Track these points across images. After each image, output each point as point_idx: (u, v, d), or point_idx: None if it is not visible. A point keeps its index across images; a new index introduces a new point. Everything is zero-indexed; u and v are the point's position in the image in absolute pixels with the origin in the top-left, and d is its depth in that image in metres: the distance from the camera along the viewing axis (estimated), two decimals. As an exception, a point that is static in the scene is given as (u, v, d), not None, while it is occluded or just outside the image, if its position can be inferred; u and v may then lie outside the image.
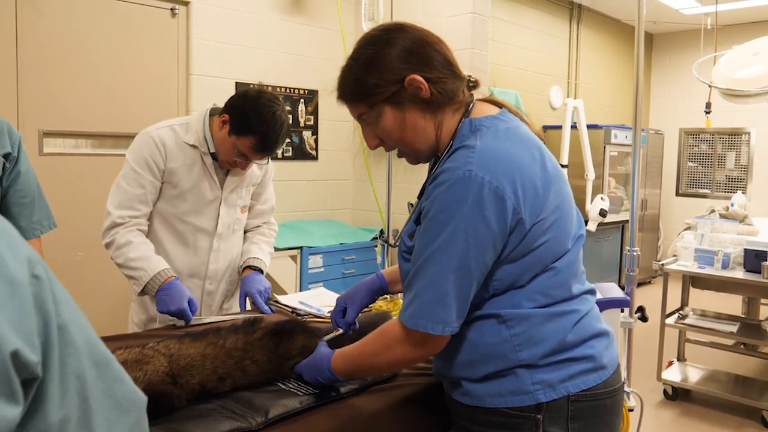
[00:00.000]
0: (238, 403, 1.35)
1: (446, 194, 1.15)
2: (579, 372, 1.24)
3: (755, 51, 4.26)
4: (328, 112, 4.62)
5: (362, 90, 1.25)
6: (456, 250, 1.15)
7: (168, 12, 3.73)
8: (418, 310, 1.19)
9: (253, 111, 1.92)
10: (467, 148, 1.19)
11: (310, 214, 4.55)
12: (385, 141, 1.31)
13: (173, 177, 2.05)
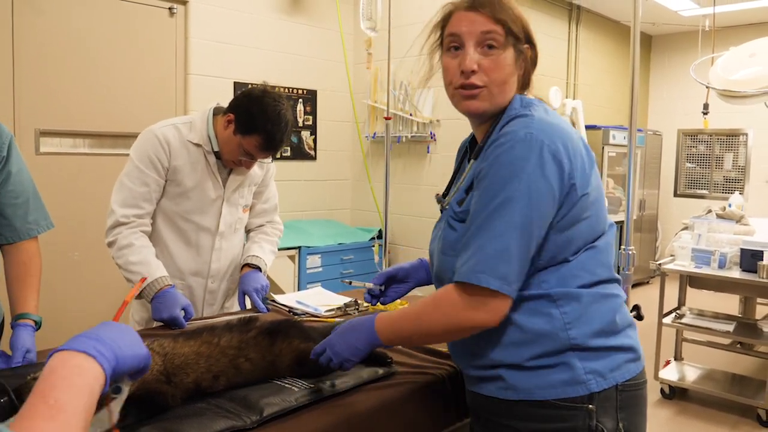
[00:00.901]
0: (233, 401, 1.34)
1: (508, 153, 1.16)
2: (624, 361, 1.25)
3: (751, 52, 4.26)
4: (327, 112, 4.61)
5: (511, 14, 1.28)
6: (519, 207, 1.14)
7: (166, 11, 3.72)
8: (478, 264, 1.15)
9: (259, 110, 1.93)
10: (524, 117, 1.22)
11: (308, 214, 4.55)
12: (486, 73, 1.25)
13: (177, 175, 2.05)
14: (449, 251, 1.27)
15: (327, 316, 2.07)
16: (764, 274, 3.49)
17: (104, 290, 3.49)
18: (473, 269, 1.15)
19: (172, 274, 2.03)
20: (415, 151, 4.34)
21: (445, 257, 1.29)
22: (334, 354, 1.32)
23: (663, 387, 3.93)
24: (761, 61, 4.18)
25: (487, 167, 1.18)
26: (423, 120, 4.17)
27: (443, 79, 1.33)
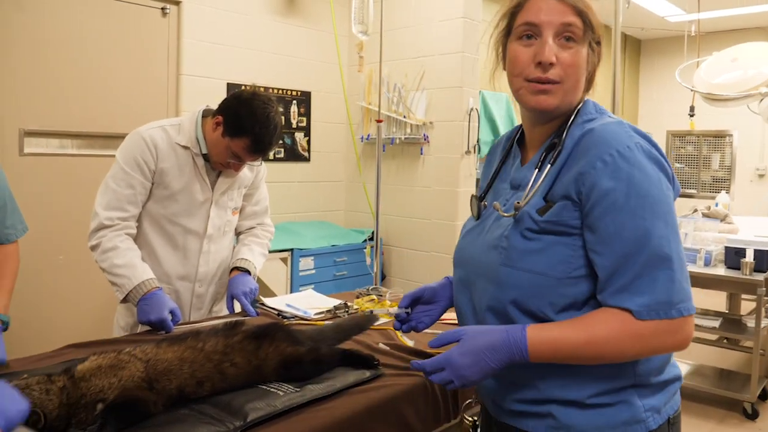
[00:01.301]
0: (217, 407, 1.28)
1: (635, 166, 1.03)
2: (673, 393, 1.16)
3: (733, 57, 4.28)
4: (321, 113, 4.55)
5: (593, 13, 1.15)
6: (674, 221, 1.05)
7: (158, 11, 3.65)
8: (676, 294, 1.01)
9: (247, 112, 1.89)
10: (617, 124, 1.10)
11: (302, 216, 4.49)
12: (562, 67, 1.12)
13: (164, 178, 1.99)
14: (518, 263, 1.10)
15: (317, 319, 2.01)
16: (747, 271, 3.48)
17: (90, 294, 3.39)
18: (672, 302, 1.01)
19: (158, 278, 1.97)
20: (408, 153, 4.29)
21: (510, 270, 1.10)
22: (457, 377, 1.09)
23: (651, 383, 3.89)
24: (742, 65, 4.21)
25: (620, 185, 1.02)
26: (416, 122, 4.12)
27: (509, 69, 1.18)
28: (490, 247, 1.16)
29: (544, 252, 1.08)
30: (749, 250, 3.52)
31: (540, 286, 1.07)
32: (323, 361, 1.50)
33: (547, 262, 1.07)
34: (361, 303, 2.17)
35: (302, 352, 1.47)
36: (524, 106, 1.18)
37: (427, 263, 4.18)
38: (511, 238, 1.12)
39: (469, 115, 3.98)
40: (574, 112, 1.17)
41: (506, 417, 1.18)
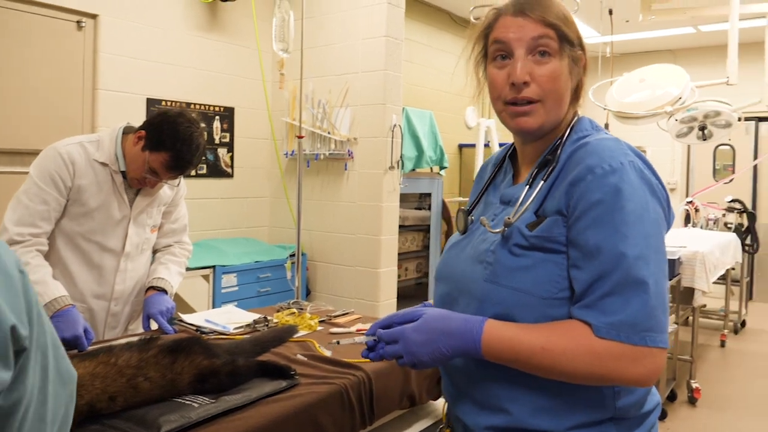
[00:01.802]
0: (130, 421, 1.30)
1: (625, 183, 0.99)
2: (652, 425, 1.12)
3: (641, 78, 4.60)
4: (245, 129, 4.56)
5: (564, 19, 1.10)
6: (660, 245, 1.00)
7: (74, 24, 3.58)
8: (645, 320, 0.96)
9: (171, 129, 1.91)
10: (613, 140, 1.07)
11: (226, 233, 4.47)
12: (539, 84, 1.08)
13: (81, 195, 1.98)
14: (503, 279, 1.06)
15: (236, 334, 2.04)
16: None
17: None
18: (638, 328, 0.96)
19: (71, 296, 1.94)
20: (333, 169, 4.36)
21: (493, 286, 1.07)
22: (407, 352, 1.05)
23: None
24: (649, 85, 4.53)
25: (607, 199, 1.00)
26: (340, 138, 4.21)
27: (490, 93, 1.14)
28: (475, 262, 1.12)
29: (532, 269, 1.04)
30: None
31: (523, 305, 1.03)
32: (240, 373, 1.54)
33: (534, 280, 1.04)
34: (281, 317, 2.22)
35: (218, 364, 1.50)
36: (509, 129, 1.15)
37: (352, 278, 4.25)
38: (498, 254, 1.08)
39: (393, 132, 4.09)
40: (568, 128, 1.14)
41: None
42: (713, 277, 4.30)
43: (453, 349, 1.02)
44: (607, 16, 5.93)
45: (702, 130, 4.87)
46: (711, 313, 5.96)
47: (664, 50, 7.71)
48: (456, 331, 1.03)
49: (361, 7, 4.16)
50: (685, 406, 3.98)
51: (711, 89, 4.43)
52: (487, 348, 1.01)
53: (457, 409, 1.16)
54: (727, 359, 5.08)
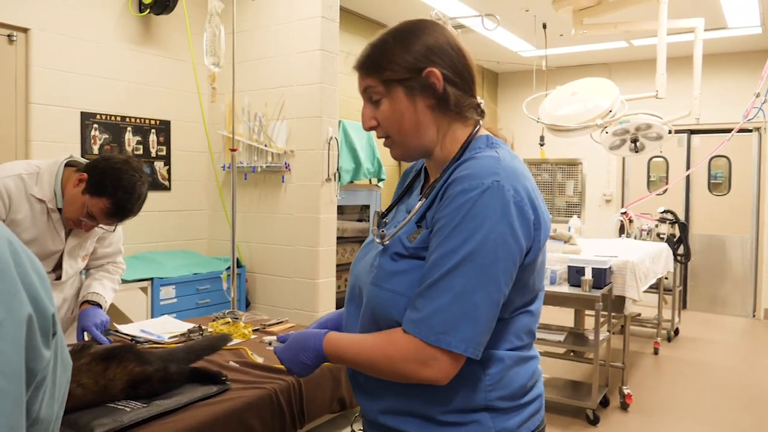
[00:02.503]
0: (63, 425, 1.37)
1: (474, 201, 1.10)
2: (532, 414, 1.25)
3: (573, 91, 4.81)
4: (182, 142, 4.63)
5: (384, 62, 1.21)
6: (486, 261, 1.09)
7: (5, 38, 3.61)
8: (441, 323, 1.08)
9: (114, 176, 1.93)
10: (491, 158, 1.16)
11: (164, 245, 4.51)
12: (381, 125, 1.25)
13: (15, 228, 1.99)
14: (383, 283, 1.21)
15: (170, 343, 2.14)
16: (587, 288, 3.93)
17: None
18: (434, 328, 1.09)
19: None
20: (270, 181, 4.47)
21: (376, 288, 1.22)
22: (286, 367, 1.33)
23: (506, 397, 4.26)
24: (581, 98, 4.73)
25: (451, 213, 1.12)
26: (277, 150, 4.32)
27: None
28: (369, 266, 1.27)
29: (408, 274, 1.18)
30: (588, 269, 3.97)
31: (398, 306, 1.17)
32: (171, 379, 1.64)
33: (409, 283, 1.17)
34: (216, 326, 2.32)
35: (150, 371, 1.61)
36: None
37: (291, 289, 4.36)
38: (380, 260, 1.23)
39: (329, 144, 4.23)
40: (464, 146, 1.24)
41: (371, 429, 1.31)
42: (644, 286, 4.47)
43: (311, 359, 1.27)
44: (541, 30, 6.24)
45: (634, 142, 5.07)
46: (645, 321, 6.19)
47: (600, 63, 8.07)
48: (308, 346, 1.27)
49: (296, 20, 4.29)
50: (617, 411, 4.17)
51: (644, 102, 4.61)
52: (329, 356, 1.25)
53: (358, 399, 1.35)
54: (660, 366, 5.31)
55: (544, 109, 4.85)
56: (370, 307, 1.24)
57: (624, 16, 4.80)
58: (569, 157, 8.38)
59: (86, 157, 3.84)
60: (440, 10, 5.29)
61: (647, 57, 7.59)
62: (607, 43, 7.09)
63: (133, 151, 4.29)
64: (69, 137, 3.92)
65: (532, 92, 5.44)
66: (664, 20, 4.36)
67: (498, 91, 9.07)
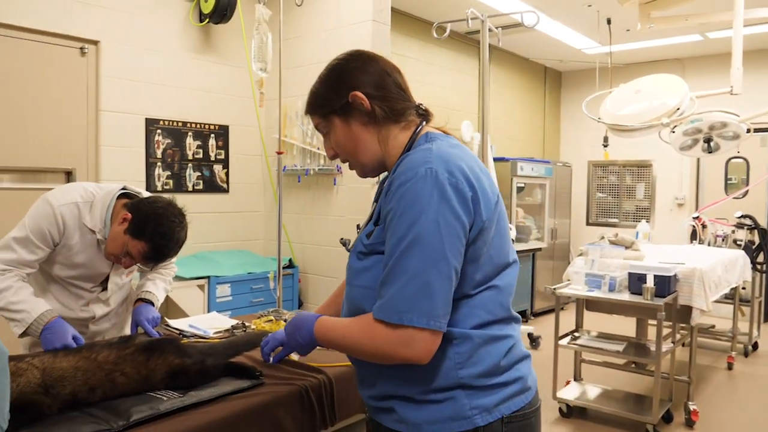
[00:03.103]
0: (105, 410, 1.54)
1: (412, 190, 1.23)
2: (511, 395, 1.33)
3: (637, 89, 4.67)
4: (239, 146, 4.85)
5: (317, 102, 1.44)
6: (432, 241, 1.21)
7: (77, 51, 3.93)
8: (400, 303, 1.21)
9: (155, 221, 2.03)
10: (423, 150, 1.30)
11: (221, 245, 4.74)
12: (336, 152, 1.46)
13: (68, 251, 2.14)
14: (353, 280, 1.37)
15: (214, 338, 2.29)
16: (648, 296, 3.79)
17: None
18: (396, 308, 1.22)
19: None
20: (323, 183, 4.63)
21: (349, 286, 1.40)
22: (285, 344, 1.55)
23: (561, 406, 4.24)
24: (645, 96, 4.57)
25: (395, 205, 1.25)
26: (330, 154, 4.46)
27: None
28: (347, 269, 1.44)
29: (371, 270, 1.34)
30: (650, 276, 3.82)
31: (368, 299, 1.32)
32: (208, 372, 1.78)
33: (373, 277, 1.32)
34: (258, 323, 2.46)
35: (188, 363, 1.75)
36: None
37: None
38: (350, 261, 1.42)
39: (381, 147, 4.32)
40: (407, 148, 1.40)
41: (372, 413, 1.45)
42: (714, 296, 4.28)
43: (304, 339, 1.44)
44: (605, 25, 6.10)
45: (707, 142, 4.78)
46: (719, 334, 5.91)
47: (672, 59, 7.81)
48: (302, 326, 1.44)
49: (347, 25, 4.40)
50: (681, 428, 4.02)
51: (721, 99, 4.37)
52: (319, 339, 1.41)
53: (358, 386, 1.49)
54: (733, 382, 5.05)
55: (606, 108, 4.74)
56: (347, 305, 1.43)
57: (696, 8, 4.59)
58: (639, 158, 8.16)
59: (150, 161, 4.20)
60: (487, 7, 5.24)
61: (725, 50, 7.25)
62: (679, 37, 6.84)
63: (193, 155, 4.54)
64: (135, 142, 4.21)
65: (596, 91, 5.31)
66: (740, 10, 4.12)
67: (561, 90, 8.95)
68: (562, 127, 9.03)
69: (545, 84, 8.68)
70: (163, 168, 4.37)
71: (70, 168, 3.95)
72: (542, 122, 8.71)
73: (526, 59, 8.13)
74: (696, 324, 4.12)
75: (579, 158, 8.64)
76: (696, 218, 6.02)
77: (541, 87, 8.62)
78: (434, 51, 6.47)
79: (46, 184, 3.82)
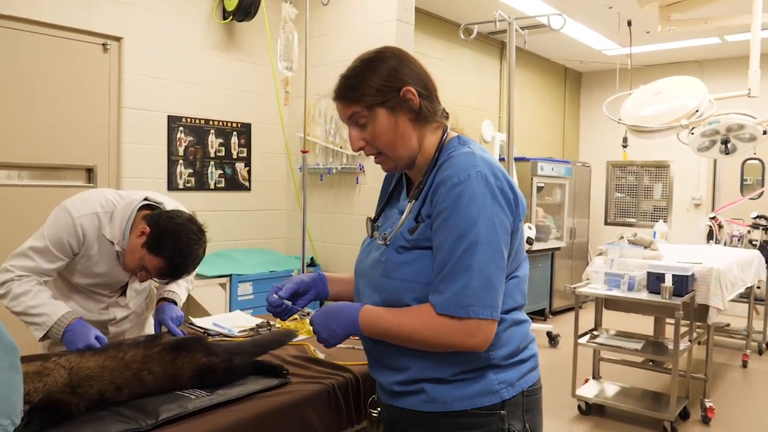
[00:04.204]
0: (133, 409, 1.50)
1: (467, 191, 1.29)
2: (528, 370, 1.44)
3: (657, 90, 4.62)
4: (262, 144, 4.81)
5: (364, 91, 1.39)
6: (491, 239, 1.29)
7: (100, 47, 3.89)
8: (466, 298, 1.28)
9: (173, 237, 1.95)
10: (467, 154, 1.36)
11: (243, 243, 4.70)
12: (370, 144, 1.43)
13: (87, 261, 2.09)
14: (392, 273, 1.39)
15: (239, 337, 2.24)
16: (667, 295, 3.76)
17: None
18: (462, 303, 1.28)
19: None
20: (345, 182, 4.57)
21: (387, 279, 1.40)
22: (316, 331, 1.46)
23: (580, 404, 4.18)
24: (666, 98, 4.52)
25: (450, 205, 1.30)
26: (352, 152, 4.41)
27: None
28: (374, 263, 1.45)
29: (413, 263, 1.37)
30: (668, 275, 3.80)
31: (407, 291, 1.37)
32: (235, 370, 1.73)
33: (415, 271, 1.37)
34: (283, 322, 2.41)
35: (216, 362, 1.70)
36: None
37: (363, 289, 4.43)
38: (387, 254, 1.42)
39: (403, 146, 4.28)
40: (437, 150, 1.44)
41: (392, 399, 1.46)
42: (731, 295, 4.26)
43: (342, 328, 1.41)
44: (626, 27, 6.03)
45: (725, 143, 4.77)
46: (734, 332, 5.90)
47: (691, 61, 7.73)
48: (342, 314, 1.42)
49: (372, 24, 4.36)
50: (697, 425, 4.01)
51: (739, 102, 4.38)
52: (362, 326, 1.40)
53: (376, 374, 1.52)
54: (748, 380, 5.06)
55: (626, 109, 4.70)
56: (380, 296, 1.43)
57: (715, 11, 4.56)
58: (656, 158, 8.06)
59: (172, 159, 4.16)
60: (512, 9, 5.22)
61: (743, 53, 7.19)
62: (698, 39, 6.80)
63: (215, 153, 4.50)
64: (157, 139, 4.17)
65: (616, 92, 5.26)
66: (758, 13, 4.09)
67: (581, 91, 8.86)
68: (582, 128, 8.94)
69: (565, 84, 8.58)
70: (185, 166, 4.34)
71: (91, 165, 3.92)
72: (562, 122, 8.61)
73: (546, 60, 8.04)
74: (713, 323, 4.11)
75: (598, 158, 8.55)
76: (713, 218, 6.01)
77: (561, 87, 8.52)
78: (457, 51, 6.40)
79: (67, 182, 3.80)
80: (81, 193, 2.14)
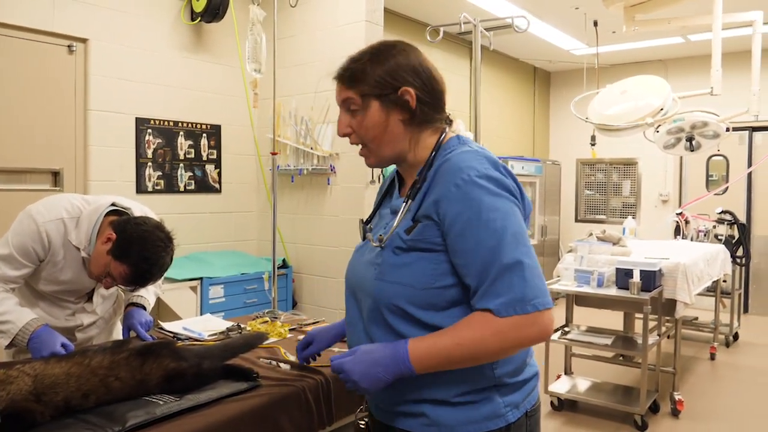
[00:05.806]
0: (100, 416, 1.48)
1: (481, 188, 1.24)
2: (531, 390, 1.38)
3: (623, 90, 4.70)
4: (232, 146, 4.77)
5: (363, 78, 1.34)
6: (520, 231, 1.25)
7: (65, 48, 3.82)
8: (526, 293, 1.20)
9: (140, 244, 1.92)
10: (469, 152, 1.31)
11: (214, 246, 4.66)
12: (356, 132, 1.37)
13: (53, 268, 2.05)
14: (388, 276, 1.32)
15: (209, 340, 2.22)
16: (635, 291, 3.83)
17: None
18: (524, 300, 1.19)
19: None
20: (316, 183, 4.56)
21: (380, 282, 1.33)
22: (351, 381, 1.29)
23: (552, 400, 4.23)
24: (631, 97, 4.62)
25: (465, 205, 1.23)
26: (323, 153, 4.40)
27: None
28: (369, 265, 1.38)
29: (410, 266, 1.30)
30: (636, 271, 3.87)
31: (405, 296, 1.30)
32: (205, 375, 1.71)
33: (412, 274, 1.29)
34: (254, 324, 2.40)
35: (184, 366, 1.68)
36: None
37: (336, 289, 4.43)
38: (383, 256, 1.34)
39: (374, 147, 4.28)
40: (434, 149, 1.38)
41: (388, 419, 1.38)
42: (697, 289, 4.35)
43: (391, 374, 1.26)
44: (592, 27, 6.13)
45: (690, 141, 4.89)
46: (702, 325, 6.01)
47: (655, 60, 7.87)
48: (385, 359, 1.26)
49: (340, 25, 4.35)
50: (667, 417, 4.07)
51: (703, 100, 4.46)
52: (417, 365, 1.25)
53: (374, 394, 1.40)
54: (716, 372, 5.15)
55: (593, 108, 4.78)
56: (374, 300, 1.34)
57: (679, 11, 4.64)
58: (625, 156, 8.19)
59: (140, 161, 4.11)
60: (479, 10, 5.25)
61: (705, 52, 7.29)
62: (662, 39, 6.92)
63: (185, 155, 4.46)
64: (125, 142, 4.11)
65: (584, 91, 5.34)
66: (718, 14, 4.21)
67: (550, 90, 8.97)
68: (551, 126, 9.04)
69: (535, 84, 8.67)
70: (154, 168, 4.28)
71: (57, 168, 3.84)
72: (532, 121, 8.69)
73: (516, 60, 8.11)
74: (680, 317, 4.19)
75: (567, 157, 8.65)
76: (679, 214, 6.13)
77: (530, 87, 8.61)
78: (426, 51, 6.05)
79: (33, 185, 3.72)
80: (46, 198, 2.10)
